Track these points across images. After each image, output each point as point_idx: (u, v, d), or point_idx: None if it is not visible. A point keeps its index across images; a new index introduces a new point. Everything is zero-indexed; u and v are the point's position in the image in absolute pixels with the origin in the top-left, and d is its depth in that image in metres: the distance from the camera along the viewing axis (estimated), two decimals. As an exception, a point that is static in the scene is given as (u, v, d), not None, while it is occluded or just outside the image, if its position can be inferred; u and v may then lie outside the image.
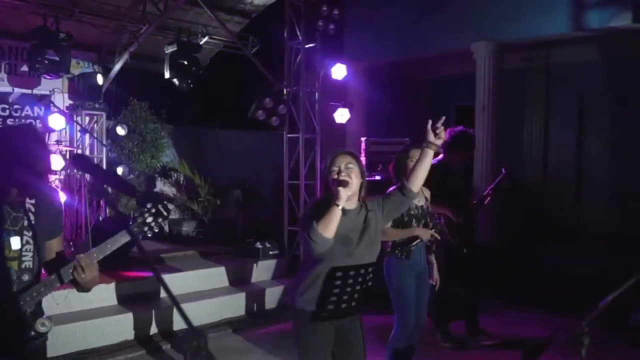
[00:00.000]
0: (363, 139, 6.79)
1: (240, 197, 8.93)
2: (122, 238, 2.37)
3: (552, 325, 5.40)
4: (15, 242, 2.33)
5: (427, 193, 4.27)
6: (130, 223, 2.44)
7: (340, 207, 2.81)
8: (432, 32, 8.73)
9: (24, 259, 2.36)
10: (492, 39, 8.23)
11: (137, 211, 2.34)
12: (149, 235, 2.44)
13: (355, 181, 2.92)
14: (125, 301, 5.69)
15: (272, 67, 7.95)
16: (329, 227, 2.78)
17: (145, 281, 5.87)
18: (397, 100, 9.82)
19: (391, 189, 4.05)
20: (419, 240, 4.04)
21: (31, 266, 2.37)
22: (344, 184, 2.85)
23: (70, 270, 2.33)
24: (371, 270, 2.96)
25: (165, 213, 2.43)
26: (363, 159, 6.65)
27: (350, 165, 2.95)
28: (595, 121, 9.34)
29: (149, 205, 2.41)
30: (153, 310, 5.59)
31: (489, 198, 5.59)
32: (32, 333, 2.33)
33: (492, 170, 7.99)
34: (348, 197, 2.88)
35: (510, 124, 9.65)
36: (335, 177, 2.91)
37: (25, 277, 2.36)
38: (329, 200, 2.86)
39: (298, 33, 7.57)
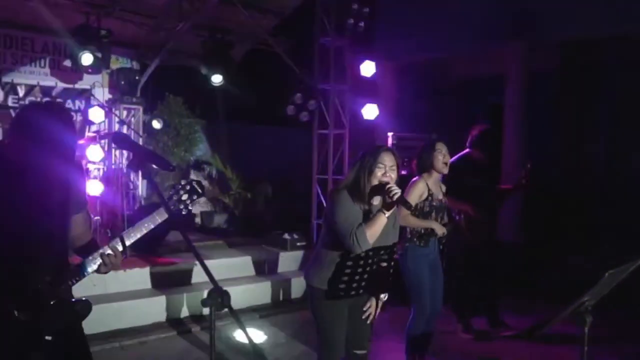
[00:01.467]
0: (390, 134, 6.92)
1: (270, 191, 9.15)
2: (159, 216, 2.39)
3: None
4: (44, 222, 2.31)
5: (444, 188, 4.39)
6: (167, 200, 2.42)
7: (387, 217, 2.96)
8: (463, 31, 8.79)
9: (56, 239, 2.37)
10: (523, 38, 8.24)
11: (171, 189, 2.42)
12: (184, 213, 2.48)
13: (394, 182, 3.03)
14: (158, 285, 5.95)
15: (303, 64, 8.13)
16: (376, 235, 2.97)
17: (177, 267, 6.13)
18: (426, 98, 9.90)
19: (414, 179, 4.22)
20: (435, 235, 4.17)
21: (64, 247, 2.42)
22: (404, 201, 2.92)
23: (96, 265, 2.36)
24: (383, 253, 3.16)
25: (199, 190, 2.46)
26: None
27: (394, 167, 3.06)
28: (628, 124, 9.24)
29: (183, 182, 2.44)
30: (184, 294, 5.83)
31: (510, 193, 5.63)
32: (69, 317, 2.36)
33: (519, 170, 8.01)
34: None
35: (541, 124, 9.62)
36: (383, 178, 3.01)
37: (58, 259, 2.37)
38: (360, 193, 3.01)
39: (328, 30, 7.74)
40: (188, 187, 2.45)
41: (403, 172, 7.09)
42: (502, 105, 8.67)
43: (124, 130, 7.79)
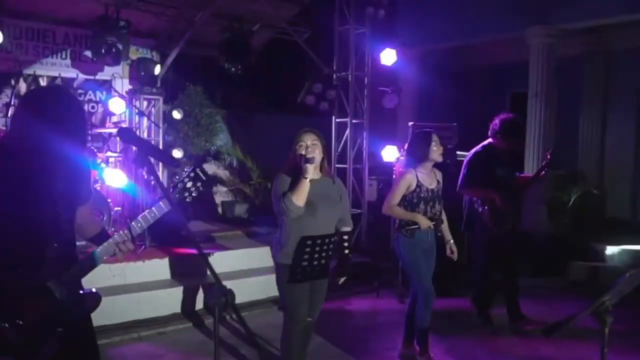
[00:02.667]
0: (410, 123, 6.81)
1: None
2: (164, 206, 2.40)
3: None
4: (49, 213, 2.29)
5: (440, 176, 4.39)
6: (172, 190, 2.47)
7: (308, 180, 3.35)
8: (485, 18, 8.61)
9: (62, 230, 2.36)
10: (547, 24, 8.04)
11: (177, 177, 2.39)
12: (188, 200, 2.50)
13: (318, 157, 3.47)
14: (176, 276, 5.98)
15: (322, 53, 8.06)
16: (301, 197, 3.36)
17: (195, 258, 6.15)
18: (448, 87, 9.75)
19: (402, 170, 4.24)
20: (416, 226, 4.20)
21: (70, 238, 2.40)
22: (311, 160, 3.35)
23: (108, 254, 2.39)
24: (334, 240, 3.58)
25: (203, 177, 2.48)
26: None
27: (315, 142, 3.55)
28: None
29: (187, 170, 2.47)
30: (200, 287, 5.85)
31: (530, 183, 5.47)
32: (80, 309, 2.37)
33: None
34: (313, 170, 3.41)
35: (566, 113, 9.41)
36: (303, 152, 3.45)
37: (66, 250, 2.36)
38: (296, 171, 3.42)
39: (348, 18, 7.64)
40: (192, 175, 2.47)
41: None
42: (525, 93, 8.48)
43: (144, 121, 7.83)
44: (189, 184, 2.46)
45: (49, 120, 2.22)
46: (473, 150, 5.32)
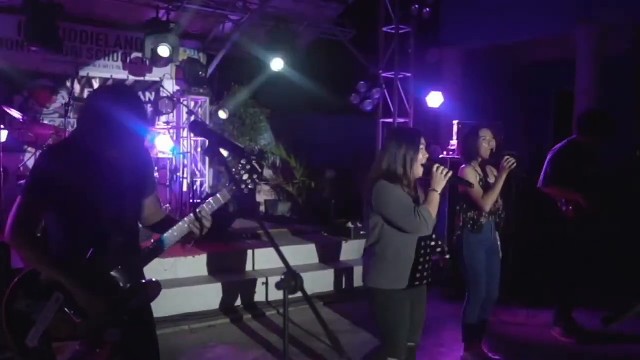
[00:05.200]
0: (455, 122, 6.81)
1: (334, 178, 9.19)
2: (223, 198, 2.47)
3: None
4: (113, 205, 2.36)
5: (495, 171, 4.29)
6: (228, 183, 2.48)
7: (438, 194, 3.08)
8: (531, 15, 8.51)
9: (127, 221, 2.44)
10: (595, 21, 7.89)
11: (233, 169, 2.43)
12: (245, 192, 2.48)
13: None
14: (225, 271, 6.10)
15: (367, 53, 8.11)
16: (435, 212, 3.09)
17: (243, 253, 6.30)
18: (493, 86, 9.67)
19: (462, 167, 4.19)
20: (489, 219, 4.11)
21: (135, 229, 2.48)
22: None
23: (180, 236, 2.46)
24: (434, 243, 3.22)
25: (258, 168, 2.46)
26: (455, 141, 6.69)
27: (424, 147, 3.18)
28: None
29: (243, 162, 2.43)
30: (250, 280, 5.99)
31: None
32: (142, 298, 2.44)
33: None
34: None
35: (614, 113, 9.19)
36: (424, 157, 3.13)
37: (129, 240, 2.44)
38: (394, 178, 3.08)
39: (393, 18, 7.67)
40: (248, 167, 2.44)
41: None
42: (572, 91, 8.34)
43: (192, 119, 8.01)
44: (245, 176, 2.44)
45: (118, 117, 2.28)
46: (557, 146, 4.95)
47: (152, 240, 2.48)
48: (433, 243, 3.18)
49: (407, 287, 3.12)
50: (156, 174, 6.51)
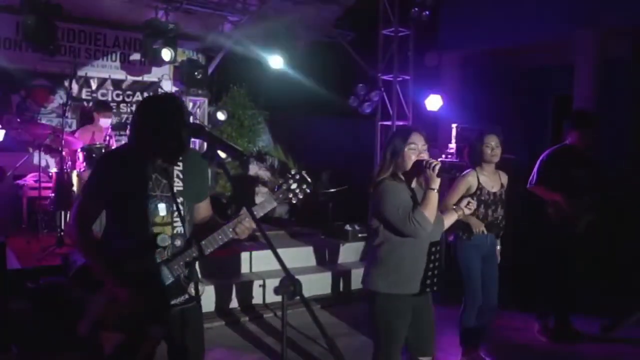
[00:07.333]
0: (454, 125, 6.81)
1: (329, 180, 9.16)
2: (269, 204, 2.51)
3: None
4: (162, 209, 2.46)
5: (505, 179, 4.28)
6: (276, 190, 2.52)
7: (436, 191, 2.85)
8: (530, 19, 8.50)
9: (175, 224, 2.50)
10: (594, 26, 7.89)
11: (281, 178, 2.48)
12: (294, 202, 2.54)
13: None
14: (223, 274, 6.06)
15: (366, 55, 8.10)
16: (434, 212, 2.89)
17: (240, 256, 6.29)
18: (491, 90, 9.66)
19: (466, 172, 4.16)
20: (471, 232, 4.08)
21: (182, 231, 2.51)
22: (444, 168, 2.84)
23: (229, 236, 2.50)
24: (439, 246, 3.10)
25: (309, 179, 2.51)
26: (453, 144, 6.68)
27: (425, 146, 2.99)
28: None
29: (293, 172, 2.51)
30: (247, 283, 5.96)
31: None
32: (187, 296, 2.52)
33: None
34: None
35: (614, 118, 9.21)
36: (425, 157, 2.93)
37: (178, 242, 2.50)
38: (400, 177, 2.98)
39: (392, 20, 7.67)
40: (298, 177, 2.51)
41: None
42: (570, 96, 8.34)
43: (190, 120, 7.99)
44: (294, 186, 2.50)
45: (172, 125, 2.39)
46: (549, 150, 5.06)
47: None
48: (439, 243, 3.08)
49: (417, 294, 3.00)
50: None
